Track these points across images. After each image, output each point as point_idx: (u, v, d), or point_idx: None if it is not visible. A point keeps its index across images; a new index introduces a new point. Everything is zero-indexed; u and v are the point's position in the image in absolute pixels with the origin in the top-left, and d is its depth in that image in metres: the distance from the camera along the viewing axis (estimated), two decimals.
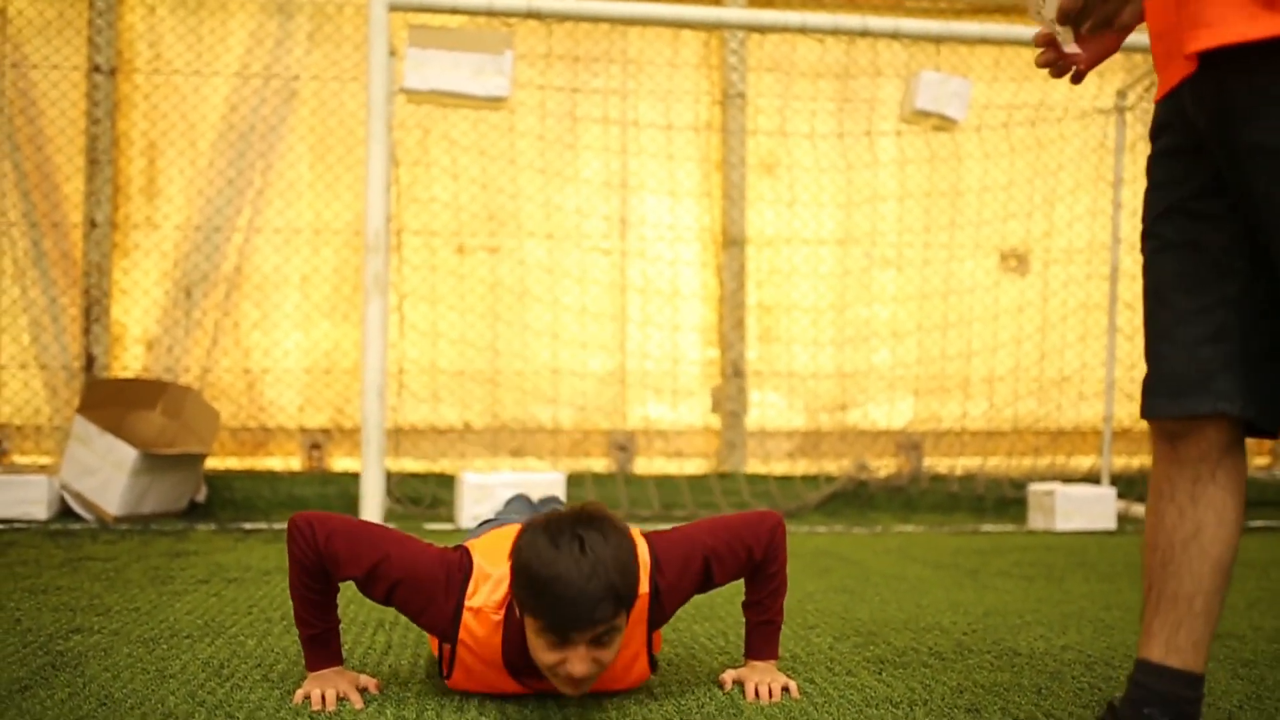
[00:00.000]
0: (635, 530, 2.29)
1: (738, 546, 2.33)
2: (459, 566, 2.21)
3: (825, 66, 7.04)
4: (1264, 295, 1.77)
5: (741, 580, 2.43)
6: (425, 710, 2.18)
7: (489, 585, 2.18)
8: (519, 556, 2.03)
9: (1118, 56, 7.22)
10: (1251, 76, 1.65)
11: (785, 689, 2.32)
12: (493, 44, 5.34)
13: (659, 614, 2.27)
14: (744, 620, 2.44)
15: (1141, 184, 1.89)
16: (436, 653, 2.35)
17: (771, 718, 2.16)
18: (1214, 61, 1.70)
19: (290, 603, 2.27)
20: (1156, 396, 1.86)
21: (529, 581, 2.00)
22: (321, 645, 2.26)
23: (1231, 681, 2.48)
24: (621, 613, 2.03)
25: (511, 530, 2.27)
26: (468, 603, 2.17)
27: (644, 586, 2.21)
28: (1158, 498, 1.88)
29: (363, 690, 2.28)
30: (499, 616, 2.16)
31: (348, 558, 2.18)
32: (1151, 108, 1.89)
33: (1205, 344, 1.79)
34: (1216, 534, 1.83)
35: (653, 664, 2.35)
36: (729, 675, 2.40)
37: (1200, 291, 1.80)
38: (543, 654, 2.04)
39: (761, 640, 2.41)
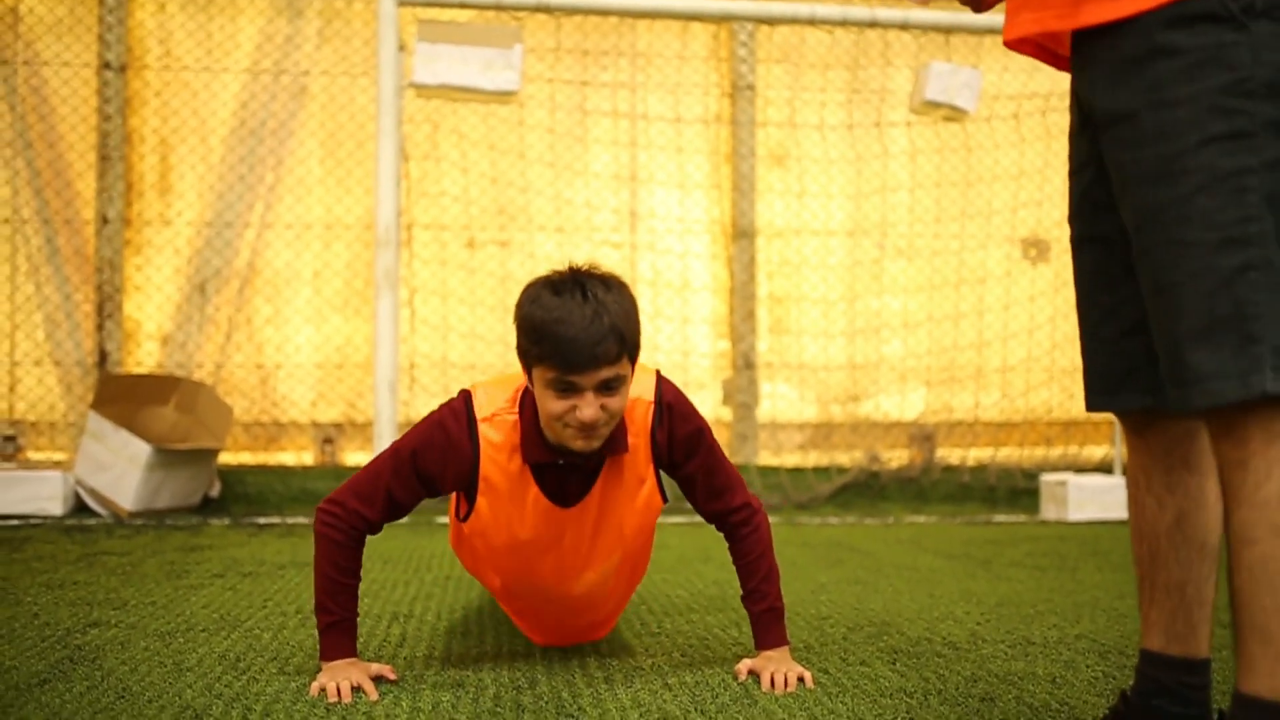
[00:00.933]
0: (650, 367, 2.38)
1: (727, 473, 2.42)
2: (460, 399, 2.30)
3: (835, 58, 7.03)
4: None
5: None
6: (441, 700, 2.19)
7: (495, 394, 2.28)
8: (522, 311, 2.13)
9: None
10: (1116, 47, 1.63)
11: (800, 679, 2.33)
12: (502, 38, 5.34)
13: (660, 433, 2.32)
14: (747, 613, 2.45)
15: None
16: (454, 506, 2.42)
17: (786, 707, 2.17)
18: (1086, 35, 1.69)
19: (306, 597, 2.29)
20: (1093, 393, 1.87)
21: (533, 329, 2.09)
22: (339, 635, 2.28)
23: None
24: (625, 357, 2.11)
25: (504, 375, 2.38)
26: (479, 416, 2.25)
27: (649, 394, 2.31)
28: (1135, 488, 1.88)
29: (378, 680, 2.29)
30: (514, 415, 2.25)
31: (370, 482, 2.27)
32: None
33: (1125, 339, 1.78)
34: (1197, 519, 1.80)
35: (664, 495, 2.40)
36: (744, 666, 2.41)
37: (1113, 287, 1.79)
38: (552, 404, 2.12)
39: (768, 628, 2.42)
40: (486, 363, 6.74)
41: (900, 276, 7.13)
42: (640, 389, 2.30)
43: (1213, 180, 1.52)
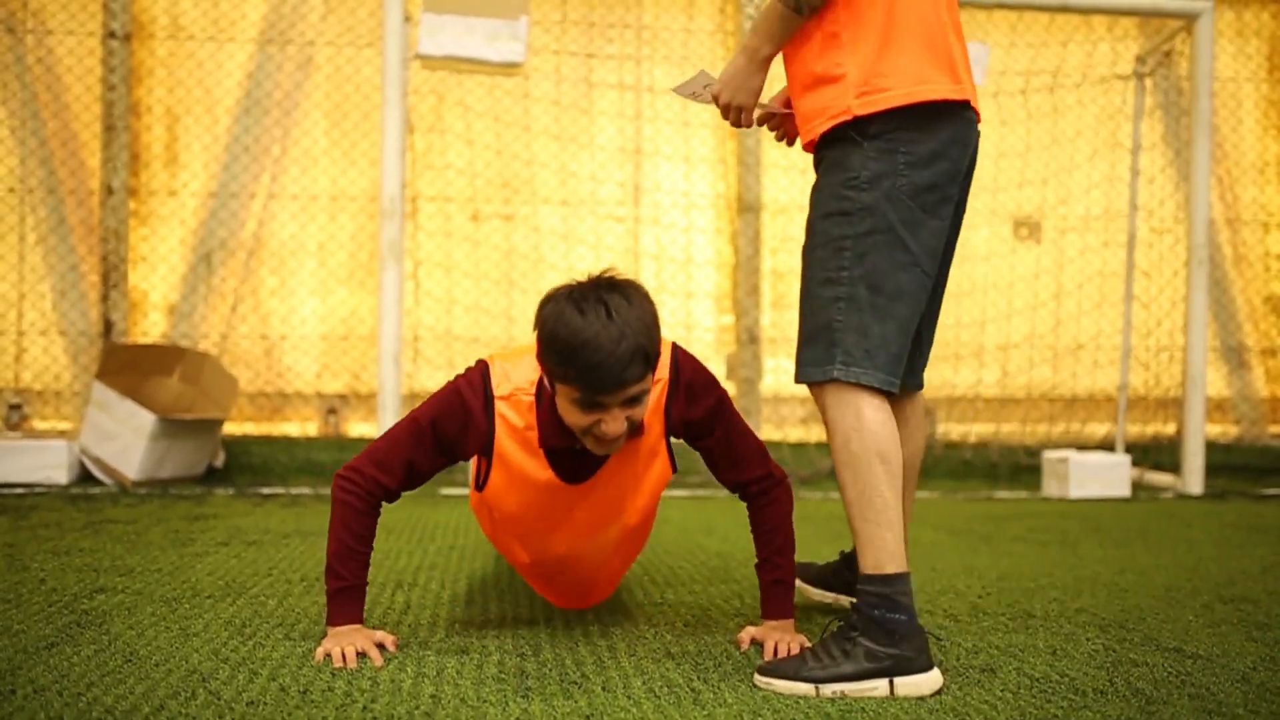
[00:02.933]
0: (666, 341, 2.39)
1: (745, 443, 2.42)
2: (477, 372, 2.31)
3: None
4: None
5: (754, 545, 2.47)
6: (445, 667, 2.21)
7: (513, 372, 2.29)
8: (546, 327, 2.11)
9: (1135, 21, 7.17)
10: (816, 151, 2.32)
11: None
12: (507, 9, 5.33)
13: (675, 408, 2.34)
14: (758, 581, 2.47)
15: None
16: (474, 470, 2.45)
17: None
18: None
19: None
20: None
21: (559, 351, 2.08)
22: (346, 601, 2.30)
23: (1246, 644, 2.50)
24: (649, 373, 2.14)
25: (521, 347, 2.38)
26: (497, 393, 2.27)
27: (664, 372, 2.32)
28: None
29: (381, 647, 2.31)
30: (530, 397, 2.27)
31: (389, 450, 2.30)
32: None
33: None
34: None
35: (673, 465, 2.42)
36: (746, 635, 2.42)
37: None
38: (576, 418, 2.14)
39: (777, 600, 2.44)
40: (490, 335, 6.74)
41: None
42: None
43: (826, 241, 2.23)
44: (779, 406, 7.12)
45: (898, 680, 2.10)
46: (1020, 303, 7.11)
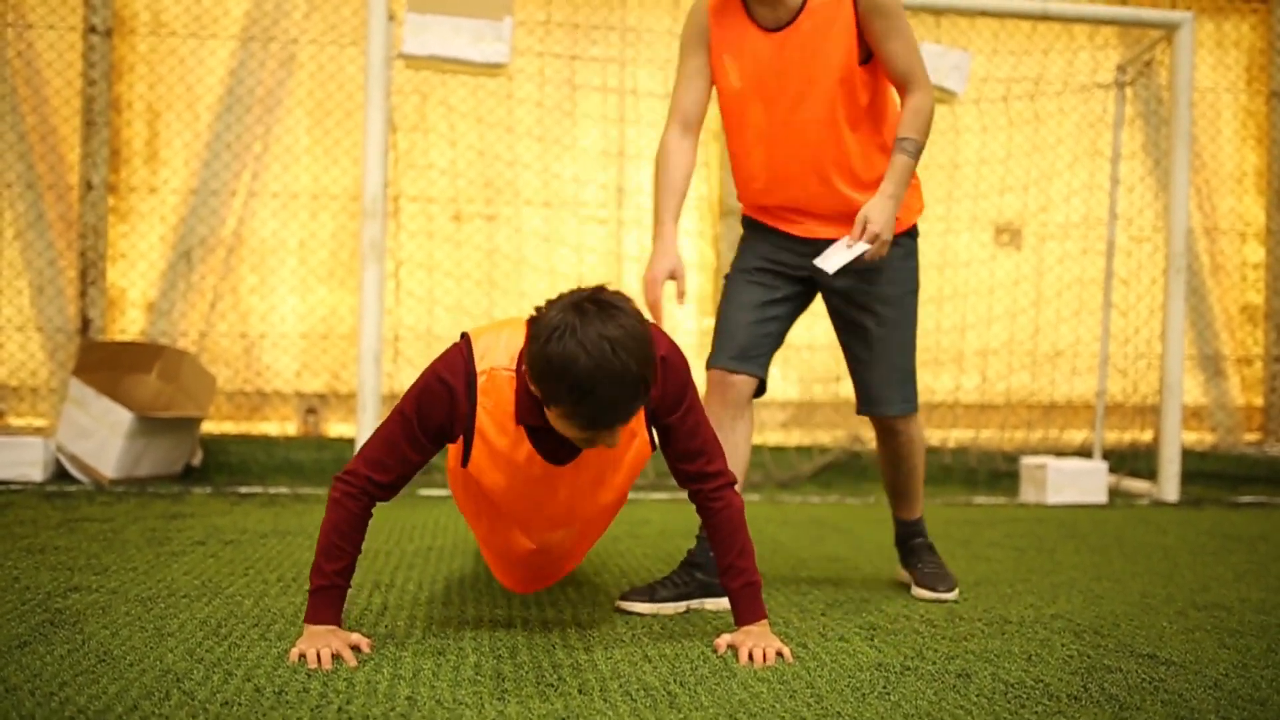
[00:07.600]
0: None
1: (706, 438, 2.46)
2: (458, 351, 2.34)
3: None
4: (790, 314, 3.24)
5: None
6: (422, 668, 2.20)
7: (495, 347, 2.31)
8: (547, 350, 2.09)
9: (1117, 30, 7.21)
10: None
11: (779, 654, 2.35)
12: (492, 10, 5.32)
13: (655, 389, 2.36)
14: (726, 589, 2.47)
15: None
16: (460, 448, 2.46)
17: (764, 681, 2.19)
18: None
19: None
20: (730, 357, 3.09)
21: (566, 386, 2.09)
22: (325, 601, 2.30)
23: (1219, 650, 2.52)
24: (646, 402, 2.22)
25: (502, 321, 2.42)
26: (479, 368, 2.30)
27: None
28: (719, 422, 3.02)
29: (356, 649, 2.30)
30: (510, 373, 2.30)
31: (382, 448, 2.33)
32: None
33: (766, 338, 3.19)
34: (744, 448, 3.04)
35: (653, 443, 2.47)
36: (723, 640, 2.43)
37: (767, 310, 3.23)
38: (570, 432, 2.20)
39: (746, 603, 2.44)
40: None
41: None
42: None
43: (911, 311, 3.18)
44: (759, 411, 7.12)
45: None
46: (1000, 309, 7.14)
